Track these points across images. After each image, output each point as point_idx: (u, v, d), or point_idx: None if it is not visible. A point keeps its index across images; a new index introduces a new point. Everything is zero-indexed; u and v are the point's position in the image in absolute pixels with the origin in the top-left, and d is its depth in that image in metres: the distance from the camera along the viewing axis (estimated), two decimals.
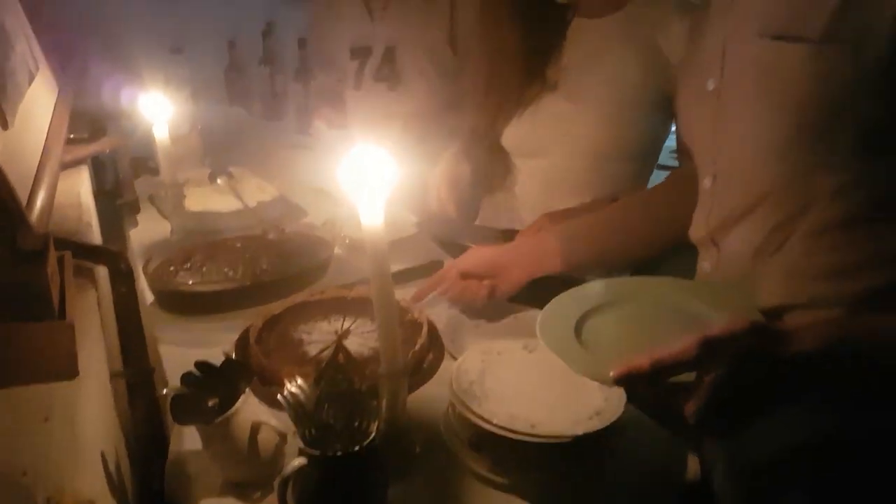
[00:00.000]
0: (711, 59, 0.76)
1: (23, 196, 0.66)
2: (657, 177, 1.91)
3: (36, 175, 0.83)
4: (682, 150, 0.94)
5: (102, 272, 0.84)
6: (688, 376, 0.61)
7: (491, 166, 1.30)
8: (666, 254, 0.98)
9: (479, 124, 1.27)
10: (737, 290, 0.78)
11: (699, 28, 0.82)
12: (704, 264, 0.84)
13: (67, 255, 0.68)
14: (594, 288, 0.85)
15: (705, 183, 0.81)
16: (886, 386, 0.62)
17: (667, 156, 2.29)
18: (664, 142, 1.28)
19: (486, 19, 1.25)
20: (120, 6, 2.55)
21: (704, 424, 0.61)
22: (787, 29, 0.65)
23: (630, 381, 0.62)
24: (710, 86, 0.76)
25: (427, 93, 1.68)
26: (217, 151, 1.61)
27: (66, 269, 0.66)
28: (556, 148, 1.23)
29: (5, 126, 0.81)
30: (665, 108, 1.15)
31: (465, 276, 1.00)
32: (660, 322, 0.78)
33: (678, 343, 0.60)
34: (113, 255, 0.75)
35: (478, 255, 1.01)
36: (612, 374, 0.62)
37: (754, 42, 0.69)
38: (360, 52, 1.72)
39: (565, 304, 0.81)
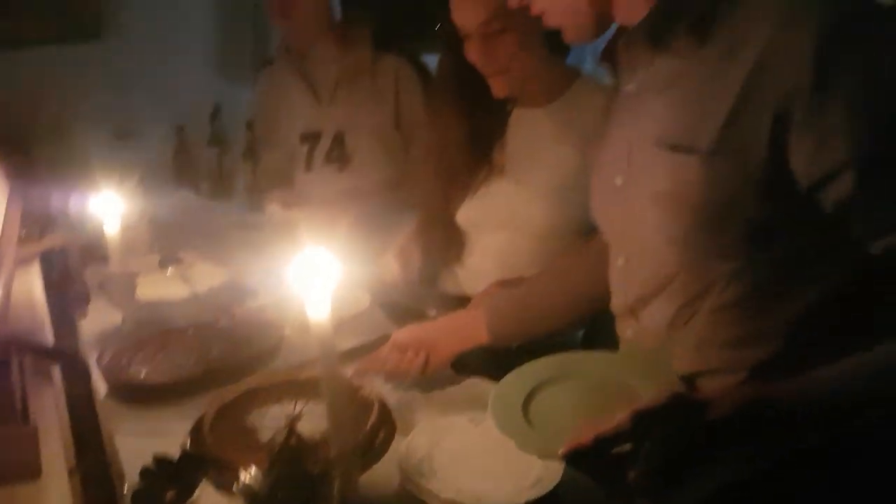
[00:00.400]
0: (619, 156, 0.85)
1: None
2: None
3: None
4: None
5: (58, 369, 0.87)
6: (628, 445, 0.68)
7: (445, 243, 1.37)
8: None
9: (430, 206, 1.35)
10: (660, 360, 0.87)
11: (609, 123, 0.92)
12: (627, 332, 0.92)
13: (27, 359, 0.71)
14: (538, 365, 0.93)
15: (619, 262, 0.90)
16: (803, 440, 0.71)
17: None
18: None
19: (432, 110, 1.36)
20: (66, 93, 2.61)
21: (645, 489, 0.67)
22: (681, 140, 0.74)
23: (576, 457, 0.69)
24: (619, 181, 0.85)
25: (376, 172, 1.76)
26: (166, 236, 1.64)
27: (26, 373, 0.69)
28: (506, 226, 1.33)
29: None
30: None
31: (400, 349, 1.06)
32: (599, 395, 0.86)
33: (615, 417, 0.67)
34: (69, 357, 0.78)
35: (411, 330, 1.08)
36: (559, 452, 0.69)
37: (653, 150, 0.77)
38: (310, 137, 1.80)
39: (512, 384, 0.89)
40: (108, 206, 1.16)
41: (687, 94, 0.75)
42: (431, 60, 1.54)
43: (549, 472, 0.79)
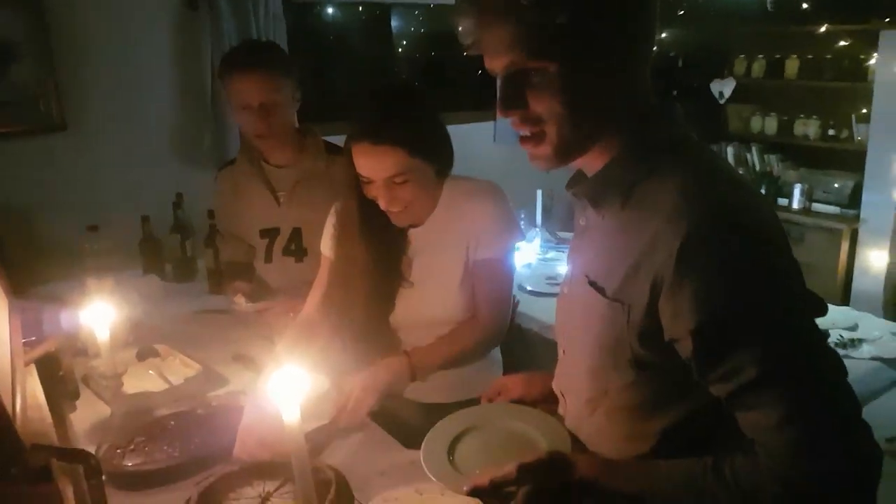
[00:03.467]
0: (569, 270, 1.08)
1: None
2: (542, 303, 2.27)
3: (12, 397, 1.04)
4: None
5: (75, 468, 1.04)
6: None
7: (374, 348, 1.59)
8: None
9: (358, 319, 1.58)
10: (560, 425, 1.14)
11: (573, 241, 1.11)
12: (560, 409, 1.16)
13: (54, 462, 0.89)
14: (464, 415, 1.22)
15: (560, 352, 1.13)
16: None
17: (542, 283, 2.67)
18: None
19: (342, 232, 1.59)
20: (35, 184, 2.75)
21: None
22: (596, 281, 0.95)
23: (477, 494, 0.94)
24: (565, 290, 1.08)
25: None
26: (140, 329, 1.81)
27: (54, 475, 0.86)
28: (421, 325, 1.56)
29: None
30: None
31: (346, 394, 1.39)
32: (510, 443, 1.14)
33: (508, 466, 0.91)
34: (85, 455, 0.96)
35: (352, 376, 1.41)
36: (464, 488, 0.95)
37: (582, 277, 0.99)
38: (269, 233, 1.99)
39: (442, 429, 1.17)
40: (98, 315, 1.34)
41: (608, 244, 0.95)
42: None
43: None
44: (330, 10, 3.69)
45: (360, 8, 3.75)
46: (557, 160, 0.92)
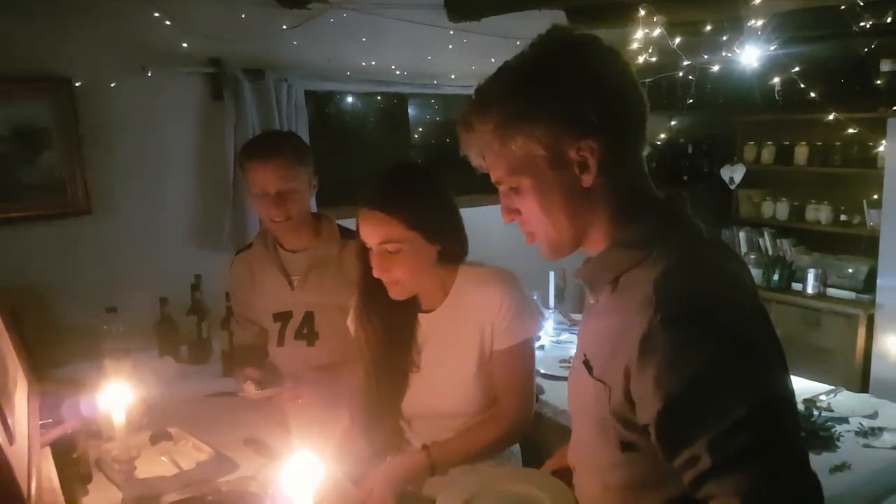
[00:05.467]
0: (577, 346, 1.12)
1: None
2: (557, 387, 2.24)
3: (28, 479, 1.04)
4: None
5: None
6: None
7: (385, 435, 1.58)
8: None
9: (368, 401, 1.57)
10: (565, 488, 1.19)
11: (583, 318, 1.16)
12: (574, 479, 1.17)
13: None
14: (476, 477, 1.28)
15: (573, 424, 1.15)
16: None
17: (556, 366, 2.65)
18: None
19: (359, 316, 1.59)
20: (57, 270, 2.80)
21: None
22: (589, 360, 1.00)
23: None
24: (575, 364, 1.11)
25: (342, 346, 1.95)
26: (154, 411, 1.80)
27: None
28: (433, 413, 1.55)
29: (11, 441, 1.03)
30: None
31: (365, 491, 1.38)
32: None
33: None
34: None
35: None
36: None
37: (581, 356, 1.03)
38: (282, 316, 2.01)
39: (454, 492, 1.22)
40: (115, 397, 1.34)
41: (599, 326, 0.99)
42: None
43: None
44: (350, 100, 3.84)
45: (379, 97, 3.90)
46: (553, 255, 1.02)
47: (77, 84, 2.81)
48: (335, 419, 1.79)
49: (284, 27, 3.20)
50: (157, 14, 2.83)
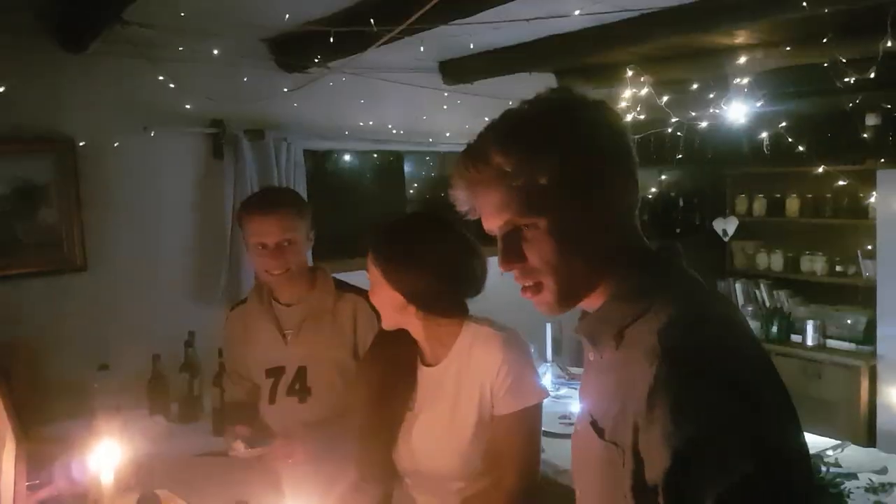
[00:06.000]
0: (580, 407, 1.06)
1: None
2: (556, 445, 2.18)
3: None
4: None
5: None
6: None
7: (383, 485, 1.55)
8: None
9: (367, 455, 1.55)
10: None
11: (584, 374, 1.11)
12: None
13: None
14: None
15: (577, 492, 1.08)
16: None
17: (555, 422, 2.61)
18: None
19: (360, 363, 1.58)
20: (49, 327, 2.78)
21: None
22: (597, 421, 0.95)
23: None
24: (578, 427, 1.06)
25: (335, 401, 1.93)
26: (142, 472, 1.76)
27: None
28: (428, 472, 1.50)
29: None
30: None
31: None
32: None
33: None
34: None
35: None
36: None
37: (587, 416, 0.99)
38: (275, 372, 1.98)
39: None
40: (104, 457, 1.32)
41: (605, 384, 0.95)
42: None
43: None
44: (347, 157, 3.89)
45: (375, 155, 3.95)
46: (559, 307, 0.96)
47: (80, 144, 2.85)
48: (328, 477, 1.75)
49: (285, 90, 3.27)
50: (160, 77, 2.90)
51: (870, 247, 3.88)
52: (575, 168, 0.91)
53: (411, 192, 4.13)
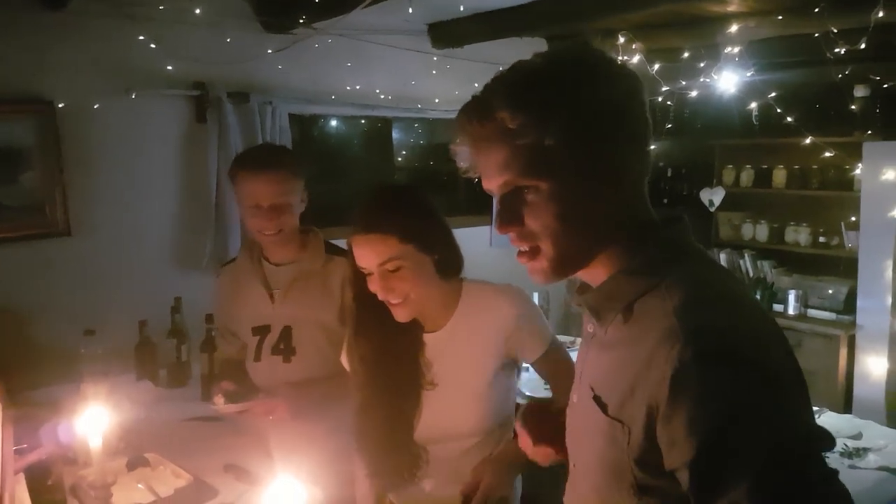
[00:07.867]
0: (577, 378, 1.03)
1: None
2: None
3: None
4: None
5: None
6: None
7: (400, 468, 1.52)
8: None
9: (377, 427, 1.52)
10: None
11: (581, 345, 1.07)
12: None
13: None
14: None
15: (572, 465, 1.06)
16: None
17: (541, 389, 2.63)
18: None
19: (352, 344, 1.55)
20: (35, 292, 2.76)
21: None
22: (600, 396, 0.92)
23: None
24: (574, 398, 1.04)
25: (321, 364, 1.92)
26: (131, 436, 1.77)
27: None
28: (449, 433, 1.51)
29: None
30: (511, 364, 1.55)
31: None
32: None
33: None
34: None
35: None
36: None
37: (588, 390, 0.95)
38: (261, 330, 1.98)
39: None
40: (92, 421, 1.32)
41: (610, 359, 0.92)
42: None
43: None
44: (334, 123, 3.85)
45: (363, 121, 3.92)
46: (554, 274, 0.92)
47: (60, 106, 2.79)
48: (313, 434, 1.77)
49: (269, 51, 3.21)
50: (141, 37, 2.83)
51: (853, 218, 3.92)
52: (585, 131, 0.87)
53: (399, 159, 4.10)
